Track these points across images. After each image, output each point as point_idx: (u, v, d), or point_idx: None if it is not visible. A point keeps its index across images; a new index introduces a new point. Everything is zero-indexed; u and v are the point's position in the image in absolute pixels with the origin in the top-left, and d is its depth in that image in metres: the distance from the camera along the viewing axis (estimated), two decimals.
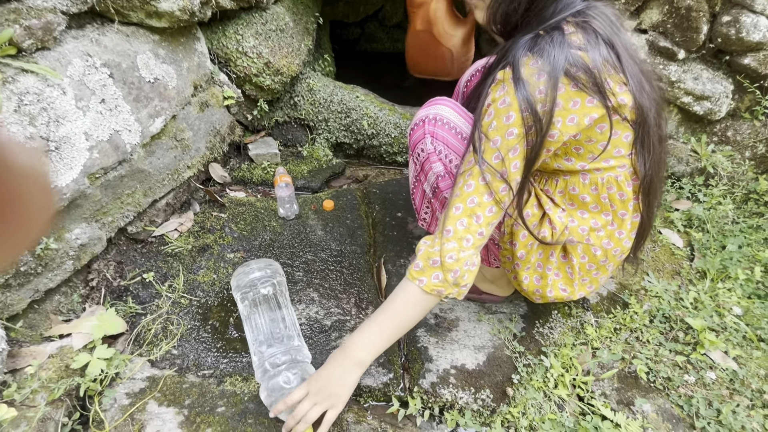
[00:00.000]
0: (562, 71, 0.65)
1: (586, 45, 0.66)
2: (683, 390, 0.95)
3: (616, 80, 0.68)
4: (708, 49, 1.32)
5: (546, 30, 0.68)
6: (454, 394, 0.90)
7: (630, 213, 0.80)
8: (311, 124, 1.50)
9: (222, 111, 1.28)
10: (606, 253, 0.83)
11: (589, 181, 0.78)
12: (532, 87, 0.65)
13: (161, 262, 1.06)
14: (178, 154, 1.11)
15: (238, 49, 1.24)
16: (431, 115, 0.85)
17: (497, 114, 0.68)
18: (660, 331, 1.06)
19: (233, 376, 0.88)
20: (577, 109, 0.67)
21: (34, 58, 0.74)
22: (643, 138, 0.74)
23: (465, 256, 0.72)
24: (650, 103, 0.71)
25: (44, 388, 0.72)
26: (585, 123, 0.68)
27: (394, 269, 1.16)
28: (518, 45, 0.69)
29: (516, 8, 0.71)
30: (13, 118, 0.69)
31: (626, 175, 0.77)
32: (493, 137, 0.69)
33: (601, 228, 0.81)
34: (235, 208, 1.25)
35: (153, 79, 0.97)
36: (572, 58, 0.65)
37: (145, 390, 0.82)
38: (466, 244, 0.72)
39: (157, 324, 0.93)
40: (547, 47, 0.66)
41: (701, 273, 1.22)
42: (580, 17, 0.68)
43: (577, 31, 0.67)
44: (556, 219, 0.80)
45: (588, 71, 0.65)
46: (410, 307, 0.76)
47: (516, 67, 0.67)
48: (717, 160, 1.41)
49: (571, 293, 0.88)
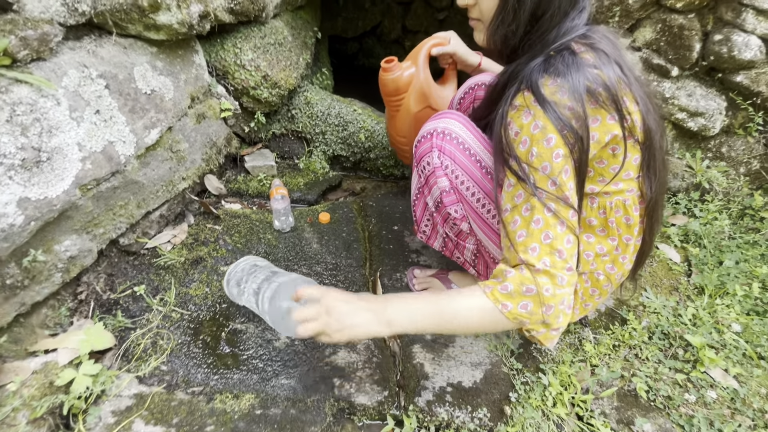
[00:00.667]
0: (582, 89, 0.64)
1: (600, 63, 0.66)
2: (684, 409, 0.93)
3: (630, 98, 0.68)
4: (701, 67, 1.34)
5: (556, 51, 0.68)
6: (451, 412, 0.88)
7: (634, 238, 0.79)
8: (308, 137, 1.50)
9: (219, 123, 1.28)
10: (609, 278, 0.82)
11: (597, 205, 0.77)
12: (560, 106, 0.63)
13: (153, 275, 1.04)
14: (173, 166, 1.10)
15: (236, 62, 1.25)
16: (440, 128, 0.84)
17: (534, 140, 0.64)
18: (659, 348, 1.04)
19: (223, 393, 0.85)
20: (597, 126, 0.66)
21: (29, 69, 0.74)
22: (650, 161, 0.73)
23: (561, 294, 0.64)
24: (656, 125, 0.71)
25: (26, 406, 0.70)
26: (605, 140, 0.67)
27: (390, 283, 1.15)
28: (530, 68, 0.68)
29: (514, 31, 0.71)
30: (4, 128, 0.69)
31: (634, 199, 0.76)
32: (539, 165, 0.65)
33: (606, 254, 0.80)
34: (230, 220, 1.23)
35: (150, 90, 0.97)
36: (590, 75, 0.64)
37: (132, 408, 0.79)
38: (561, 282, 0.64)
39: (146, 339, 0.91)
40: (561, 66, 0.65)
41: (699, 289, 1.21)
42: (585, 39, 0.68)
43: (587, 50, 0.67)
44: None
45: (607, 89, 0.65)
46: (468, 316, 0.66)
47: (536, 89, 0.64)
48: (712, 175, 1.42)
49: (572, 317, 0.87)
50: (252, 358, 0.92)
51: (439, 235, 0.95)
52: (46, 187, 0.74)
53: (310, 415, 0.84)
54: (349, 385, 0.90)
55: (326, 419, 0.84)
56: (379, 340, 1.01)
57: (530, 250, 0.65)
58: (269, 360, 0.92)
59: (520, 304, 0.64)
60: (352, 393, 0.88)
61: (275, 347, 0.94)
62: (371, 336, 0.67)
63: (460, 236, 0.92)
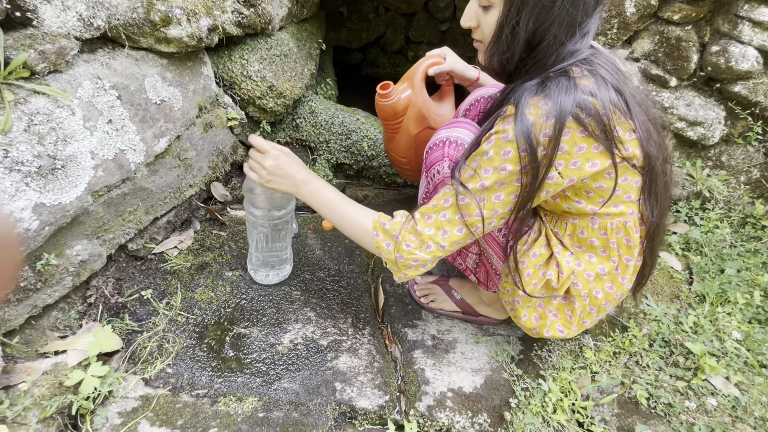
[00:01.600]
0: (570, 115, 0.64)
1: (596, 90, 0.66)
2: (685, 417, 0.93)
3: (626, 127, 0.68)
4: (699, 77, 1.36)
5: (555, 74, 0.68)
6: (451, 418, 0.89)
7: (634, 258, 0.80)
8: (312, 145, 1.53)
9: (225, 132, 1.31)
10: (607, 297, 0.83)
11: (599, 226, 0.78)
12: (537, 129, 0.65)
13: (160, 280, 1.06)
14: (181, 173, 1.13)
15: (243, 72, 1.28)
16: (452, 137, 0.85)
17: (496, 145, 0.69)
18: (660, 356, 1.05)
19: (227, 396, 0.87)
20: (581, 154, 0.67)
21: (47, 81, 0.78)
22: (651, 186, 0.74)
23: (420, 256, 0.76)
24: (658, 151, 0.71)
25: (37, 405, 0.72)
26: (587, 168, 0.68)
27: (392, 289, 1.16)
28: (525, 87, 0.69)
29: (510, 57, 0.73)
30: (23, 137, 0.72)
31: (635, 221, 0.77)
32: (485, 166, 0.70)
33: (606, 274, 0.81)
34: (235, 227, 1.26)
35: (159, 100, 1.00)
36: (583, 103, 0.64)
37: (138, 409, 0.81)
38: (426, 249, 0.76)
39: (152, 342, 0.93)
40: (554, 90, 0.66)
41: (700, 297, 1.21)
42: (586, 65, 0.69)
43: (586, 75, 0.67)
44: (563, 263, 0.80)
45: (598, 117, 0.65)
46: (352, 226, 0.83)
47: (522, 106, 0.67)
48: (713, 184, 1.43)
49: (569, 334, 0.87)
50: (255, 362, 0.93)
51: None
52: (60, 193, 0.77)
53: (312, 419, 0.85)
54: (350, 389, 0.91)
55: (328, 423, 0.85)
56: (381, 346, 1.03)
57: (426, 216, 0.76)
58: (272, 364, 0.93)
59: (386, 241, 0.78)
60: (353, 397, 0.90)
61: (278, 351, 0.96)
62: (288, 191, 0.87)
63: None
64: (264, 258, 1.06)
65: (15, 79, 0.73)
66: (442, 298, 1.09)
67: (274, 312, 1.04)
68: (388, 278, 1.19)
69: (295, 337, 1.00)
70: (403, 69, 2.60)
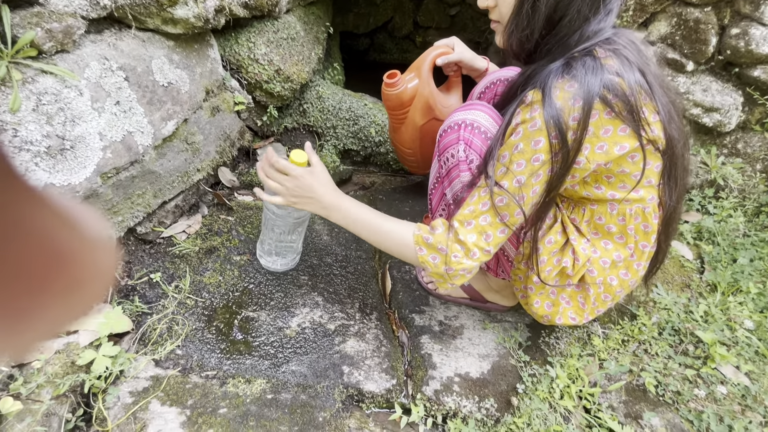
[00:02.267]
0: (597, 96, 0.63)
1: (622, 71, 0.64)
2: (693, 404, 0.93)
3: (650, 108, 0.67)
4: (717, 61, 1.32)
5: (579, 54, 0.67)
6: (458, 402, 0.89)
7: (651, 245, 0.79)
8: (319, 131, 1.52)
9: (232, 116, 1.30)
10: (622, 284, 0.82)
11: (617, 212, 0.76)
12: (566, 113, 0.64)
13: (168, 263, 1.07)
14: (189, 157, 1.13)
15: (250, 56, 1.27)
16: (468, 120, 0.82)
17: (525, 136, 0.67)
18: (669, 344, 1.04)
19: (236, 377, 0.88)
20: (608, 137, 0.66)
21: (54, 60, 0.77)
22: (671, 169, 0.72)
23: (467, 265, 0.75)
24: (679, 134, 0.70)
25: (50, 383, 0.73)
26: (615, 152, 0.67)
27: (399, 275, 1.16)
28: (548, 70, 0.67)
29: (530, 35, 0.70)
30: (31, 116, 0.72)
31: (654, 206, 0.76)
32: (517, 159, 0.68)
33: (622, 261, 0.80)
34: (243, 212, 1.26)
35: (167, 83, 0.99)
36: (609, 83, 0.63)
37: (149, 389, 0.82)
38: (472, 256, 0.74)
39: (162, 324, 0.94)
40: (580, 71, 0.64)
41: (712, 286, 1.20)
42: (609, 45, 0.67)
43: (611, 56, 0.65)
44: (580, 250, 0.78)
45: (625, 98, 0.63)
46: (393, 243, 0.81)
47: (549, 90, 0.65)
48: (727, 172, 1.40)
49: (581, 321, 0.86)
50: (263, 345, 0.94)
51: None
52: (69, 174, 0.77)
53: (320, 401, 0.86)
54: (358, 372, 0.91)
55: (335, 405, 0.86)
56: (388, 331, 1.03)
57: (466, 223, 0.74)
58: (280, 347, 0.94)
59: (431, 255, 0.77)
60: (360, 380, 0.90)
61: (286, 335, 0.97)
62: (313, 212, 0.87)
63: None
64: (275, 247, 1.05)
65: (22, 58, 0.72)
66: None
67: (281, 296, 1.05)
68: (395, 264, 1.19)
69: (303, 321, 1.00)
70: (411, 55, 2.56)
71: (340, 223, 0.84)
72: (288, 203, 0.85)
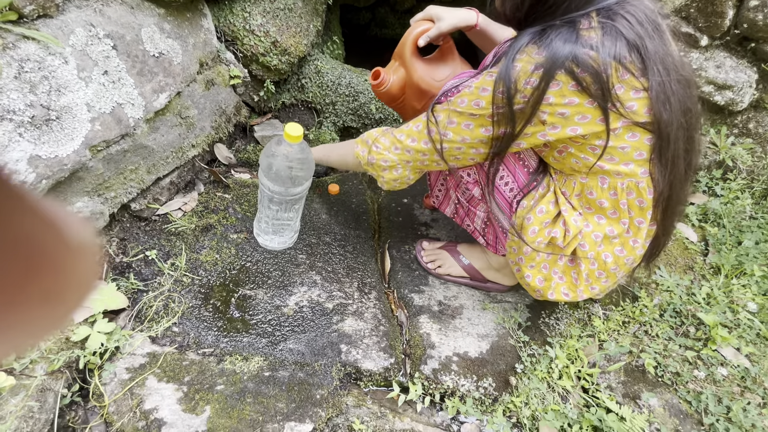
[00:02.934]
0: (561, 68, 0.63)
1: (599, 45, 0.62)
2: (692, 386, 0.92)
3: (630, 86, 0.64)
4: (733, 36, 1.26)
5: (560, 22, 0.65)
6: (456, 381, 0.89)
7: (647, 221, 0.77)
8: (318, 107, 1.47)
9: (228, 90, 1.26)
10: (617, 261, 0.80)
11: (608, 186, 0.74)
12: (521, 76, 0.65)
13: (164, 241, 1.05)
14: (183, 132, 1.09)
15: (245, 26, 1.21)
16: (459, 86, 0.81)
17: (480, 81, 0.70)
18: (670, 326, 1.03)
19: (233, 355, 0.87)
20: (572, 106, 0.65)
21: (36, 26, 0.73)
22: (660, 151, 0.70)
23: (389, 157, 0.85)
24: (672, 118, 0.67)
25: (44, 359, 0.72)
26: (576, 120, 0.66)
27: (399, 255, 1.15)
28: (525, 33, 0.68)
29: (519, 5, 0.70)
30: (13, 84, 0.68)
31: (648, 181, 0.73)
32: (464, 95, 0.72)
33: (617, 236, 0.78)
34: (240, 190, 1.23)
35: (158, 53, 0.95)
36: (579, 57, 0.62)
37: (145, 365, 0.82)
38: (395, 150, 0.85)
39: (158, 301, 0.93)
40: (551, 40, 0.64)
41: (715, 268, 1.18)
42: (604, 15, 0.64)
43: (595, 27, 0.63)
44: (571, 221, 0.77)
45: (595, 74, 0.62)
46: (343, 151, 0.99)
47: (514, 49, 0.66)
48: (737, 152, 1.36)
49: (574, 297, 0.85)
50: (261, 323, 0.93)
51: (452, 201, 0.94)
52: (56, 145, 0.74)
53: (318, 379, 0.85)
54: (356, 351, 0.91)
55: (333, 383, 0.85)
56: (387, 311, 1.02)
57: (402, 127, 0.85)
58: (278, 325, 0.93)
59: (362, 149, 0.90)
60: (358, 359, 0.90)
61: (283, 313, 0.96)
62: None
63: (472, 202, 0.91)
64: (273, 226, 1.03)
65: (2, 22, 0.68)
66: (450, 264, 1.07)
67: (279, 275, 1.03)
68: (394, 243, 1.17)
69: (301, 300, 0.99)
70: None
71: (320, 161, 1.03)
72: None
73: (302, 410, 0.80)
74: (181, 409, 0.76)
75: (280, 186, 0.92)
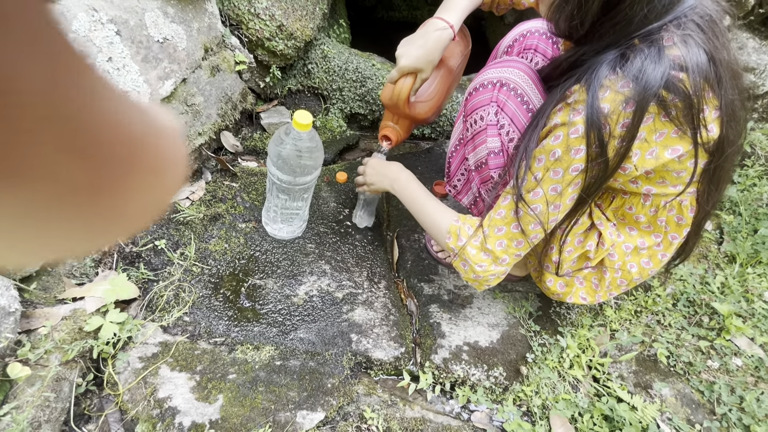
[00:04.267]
0: (654, 98, 0.55)
1: (687, 62, 0.55)
2: (705, 375, 0.92)
3: (712, 105, 0.58)
4: (757, 15, 1.21)
5: (640, 40, 0.57)
6: (466, 370, 0.89)
7: (681, 237, 0.74)
8: (325, 93, 1.45)
9: (234, 77, 1.23)
10: (641, 272, 0.78)
11: (650, 203, 0.71)
12: (613, 120, 0.57)
13: (173, 230, 1.05)
14: (189, 120, 1.08)
15: (250, 10, 1.18)
16: (504, 79, 0.73)
17: (565, 143, 0.61)
18: (683, 315, 1.02)
19: (244, 344, 0.87)
20: (660, 141, 0.59)
21: None
22: (715, 171, 0.64)
23: (496, 270, 0.75)
24: (735, 135, 0.61)
25: (58, 348, 0.73)
26: (666, 156, 0.60)
27: (408, 244, 1.14)
28: (599, 61, 0.58)
29: (579, 26, 0.60)
30: None
31: (692, 199, 0.70)
32: (554, 167, 0.63)
33: (646, 248, 0.76)
34: (247, 178, 1.22)
35: (162, 38, 0.93)
36: (671, 82, 0.55)
37: (158, 355, 0.82)
38: (502, 263, 0.74)
39: (169, 291, 0.93)
40: (638, 66, 0.55)
41: (730, 257, 1.16)
42: (678, 26, 0.56)
43: (676, 44, 0.56)
44: (606, 234, 0.74)
45: (687, 98, 0.55)
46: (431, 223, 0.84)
47: (595, 89, 0.57)
48: (755, 138, 1.32)
49: (592, 302, 0.84)
50: (271, 313, 0.93)
51: (471, 192, 0.90)
52: None
53: (329, 368, 0.86)
54: (366, 340, 0.91)
55: (344, 372, 0.86)
56: (396, 300, 1.02)
57: (496, 229, 0.73)
58: (288, 314, 0.93)
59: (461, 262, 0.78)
60: (369, 348, 0.90)
61: (293, 303, 0.96)
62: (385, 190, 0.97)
63: (496, 201, 0.87)
64: (281, 215, 1.02)
65: None
66: None
67: (288, 264, 1.03)
68: (404, 233, 1.16)
69: (311, 289, 0.99)
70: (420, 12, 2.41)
71: (397, 194, 0.92)
72: (373, 188, 0.99)
73: (314, 399, 0.80)
74: (194, 398, 0.77)
75: (289, 175, 0.91)
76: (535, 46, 0.93)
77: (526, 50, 0.94)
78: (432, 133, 1.54)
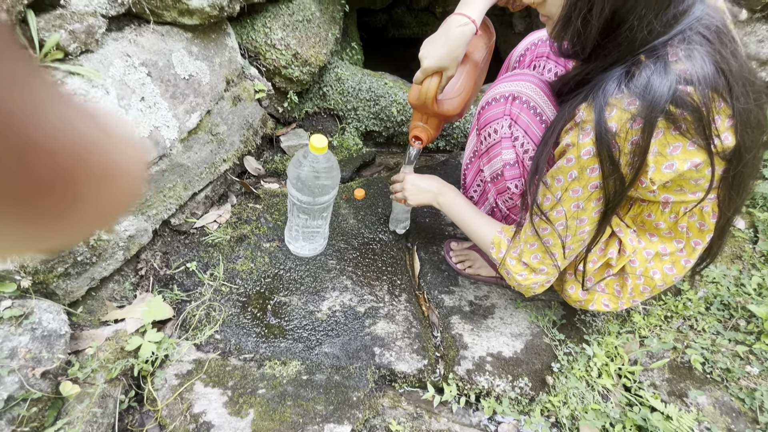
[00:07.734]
0: (662, 114, 0.56)
1: (694, 74, 0.55)
2: (745, 382, 0.87)
3: (724, 114, 0.58)
4: None
5: (645, 55, 0.58)
6: (491, 381, 0.89)
7: (704, 243, 0.73)
8: (340, 114, 1.50)
9: (254, 104, 1.30)
10: (664, 278, 0.77)
11: (670, 210, 0.71)
12: (622, 137, 0.58)
13: (203, 252, 1.11)
14: (214, 148, 1.14)
15: (267, 41, 1.26)
16: (516, 92, 0.75)
17: (579, 164, 0.63)
18: (718, 319, 0.98)
19: (272, 360, 0.91)
20: (677, 154, 0.60)
21: (79, 61, 0.79)
22: (734, 178, 0.64)
23: (537, 279, 0.78)
24: (752, 141, 0.61)
25: (103, 367, 0.78)
26: (685, 168, 0.61)
27: (427, 256, 1.15)
28: (604, 78, 0.60)
29: (582, 50, 0.62)
30: None
31: (714, 205, 0.69)
32: (572, 187, 0.66)
33: (668, 254, 0.75)
34: (270, 199, 1.28)
35: (188, 75, 1.00)
36: (678, 97, 0.55)
37: (192, 371, 0.87)
38: (541, 272, 0.77)
39: (200, 310, 0.98)
40: (643, 83, 0.56)
41: (766, 257, 1.11)
42: (683, 37, 0.57)
43: (681, 60, 0.57)
44: (627, 241, 0.75)
45: (696, 111, 0.56)
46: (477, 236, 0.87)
47: (602, 108, 0.58)
48: None
49: (614, 308, 0.83)
50: (297, 329, 0.96)
51: (488, 203, 0.91)
52: None
53: (354, 381, 0.88)
54: (389, 353, 0.92)
55: (368, 385, 0.87)
56: (418, 312, 1.03)
57: (529, 245, 0.76)
58: (313, 330, 0.96)
59: (505, 269, 0.81)
60: (392, 361, 0.91)
61: (317, 318, 0.99)
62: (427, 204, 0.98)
63: (513, 210, 0.88)
64: (303, 233, 1.07)
65: (51, 62, 0.74)
66: (479, 264, 1.06)
67: (311, 281, 1.06)
68: (422, 245, 1.18)
69: (333, 305, 1.02)
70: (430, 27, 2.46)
71: (442, 209, 0.94)
72: (413, 203, 0.99)
73: (340, 412, 0.82)
74: (227, 413, 0.81)
75: (308, 196, 0.95)
76: (547, 54, 0.94)
77: (538, 58, 0.94)
78: (447, 146, 1.56)
